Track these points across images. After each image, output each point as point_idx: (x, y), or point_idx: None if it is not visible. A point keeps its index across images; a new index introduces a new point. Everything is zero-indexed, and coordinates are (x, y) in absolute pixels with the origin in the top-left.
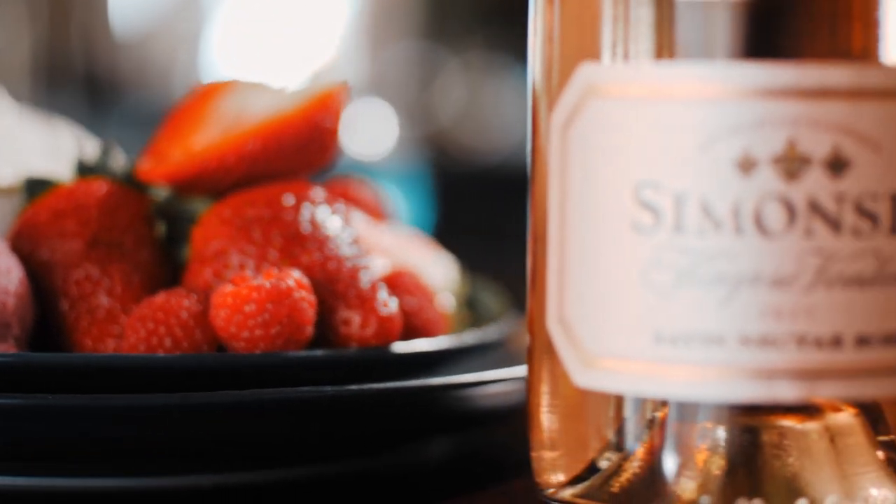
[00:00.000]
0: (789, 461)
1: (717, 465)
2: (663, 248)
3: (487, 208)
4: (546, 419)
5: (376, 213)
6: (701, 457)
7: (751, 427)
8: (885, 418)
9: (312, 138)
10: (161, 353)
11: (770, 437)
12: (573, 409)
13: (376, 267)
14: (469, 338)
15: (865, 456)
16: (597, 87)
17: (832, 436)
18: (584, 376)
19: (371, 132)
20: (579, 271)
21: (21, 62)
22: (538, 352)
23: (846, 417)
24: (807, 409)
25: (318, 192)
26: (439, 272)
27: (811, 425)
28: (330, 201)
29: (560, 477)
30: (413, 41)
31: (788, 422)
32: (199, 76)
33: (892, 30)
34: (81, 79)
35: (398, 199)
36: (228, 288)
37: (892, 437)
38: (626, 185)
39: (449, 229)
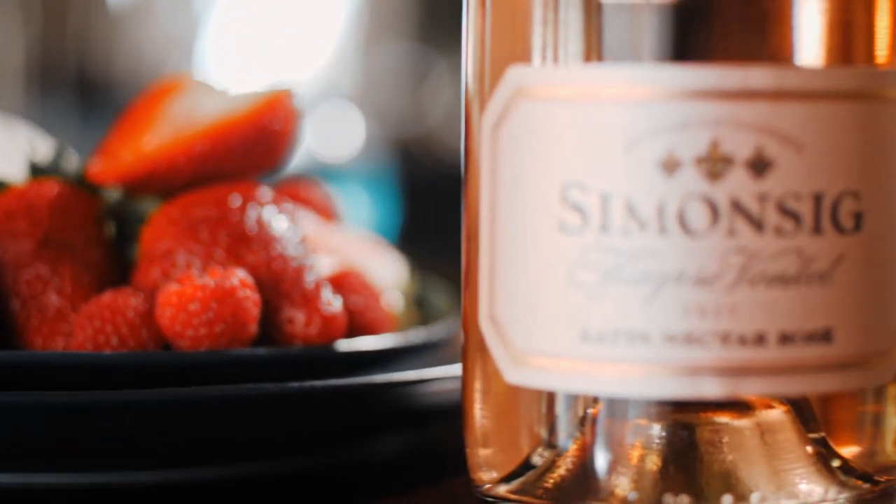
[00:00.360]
0: (720, 457)
1: (649, 462)
2: (589, 247)
3: None
4: (479, 416)
5: (326, 213)
6: (633, 453)
7: (682, 423)
8: (815, 415)
9: (261, 140)
10: (107, 352)
11: (701, 433)
12: (506, 406)
13: (322, 266)
14: (414, 336)
15: (795, 452)
16: (526, 89)
17: (763, 432)
18: (514, 374)
19: (350, 134)
20: (509, 270)
21: (15, 64)
22: (471, 350)
23: (777, 414)
24: (738, 406)
25: (265, 193)
26: (388, 271)
27: (742, 422)
28: (277, 202)
29: (494, 474)
30: (402, 43)
31: (720, 418)
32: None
33: (813, 32)
34: (75, 81)
35: (379, 200)
36: (174, 287)
37: (822, 433)
38: (553, 186)
39: (430, 231)
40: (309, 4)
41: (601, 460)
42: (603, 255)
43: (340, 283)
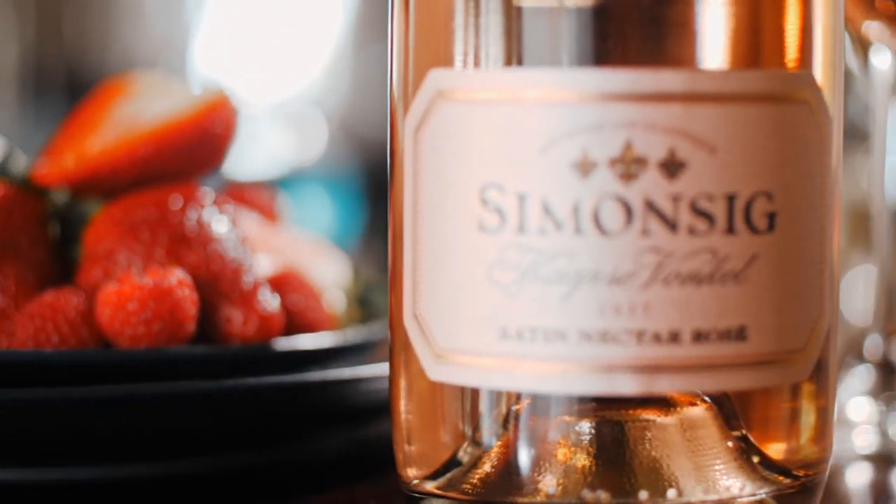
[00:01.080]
0: (643, 453)
1: (572, 458)
2: (508, 247)
3: None
4: (405, 414)
5: (270, 215)
6: (556, 450)
7: (604, 420)
8: (736, 412)
9: (202, 143)
10: (48, 350)
11: (624, 430)
12: (431, 403)
13: (262, 266)
14: (352, 335)
15: (717, 448)
16: (446, 92)
17: (685, 429)
18: (437, 371)
19: (312, 137)
20: (431, 269)
21: (7, 66)
22: (397, 348)
23: (699, 411)
24: (660, 403)
25: (205, 195)
26: (330, 272)
27: (665, 419)
28: (218, 203)
29: (421, 471)
30: (369, 47)
31: (643, 415)
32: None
33: (723, 37)
34: (68, 83)
35: (342, 203)
36: (113, 286)
37: (743, 430)
38: (472, 187)
39: None
40: (276, 9)
41: (525, 457)
42: (520, 255)
43: (280, 282)
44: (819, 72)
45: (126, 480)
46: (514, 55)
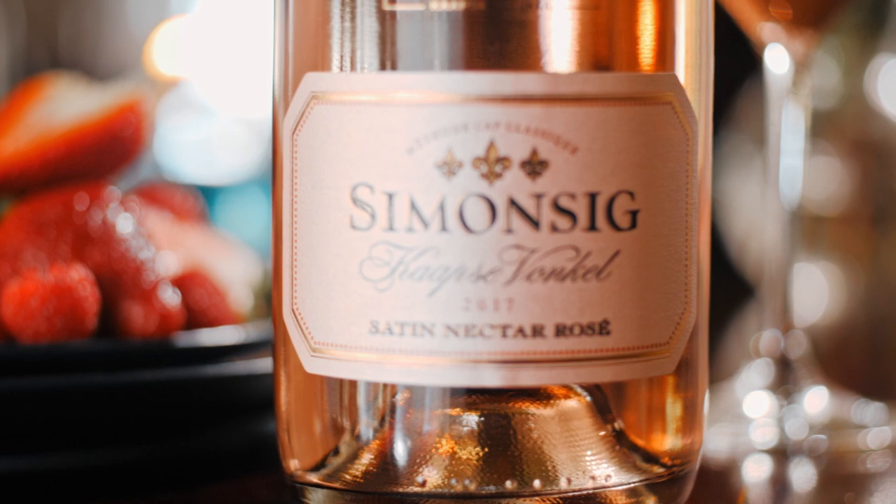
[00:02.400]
0: (518, 444)
1: (447, 450)
2: (377, 244)
3: None
4: (286, 407)
5: (183, 214)
6: (430, 441)
7: (477, 412)
8: (609, 404)
9: (112, 145)
10: None
11: (498, 421)
12: (310, 397)
13: (167, 264)
14: (253, 331)
15: (592, 439)
16: (320, 94)
17: (561, 420)
18: (312, 364)
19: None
20: (307, 266)
21: None
22: (278, 343)
23: (574, 403)
24: (534, 395)
25: (111, 195)
26: (238, 269)
27: (540, 410)
28: (124, 203)
29: (303, 462)
30: None
31: (520, 407)
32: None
33: (583, 40)
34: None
35: None
36: (17, 284)
37: (617, 421)
38: (345, 186)
39: None
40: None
41: (401, 449)
42: (389, 252)
43: (185, 280)
44: (683, 74)
45: (27, 472)
46: (383, 59)
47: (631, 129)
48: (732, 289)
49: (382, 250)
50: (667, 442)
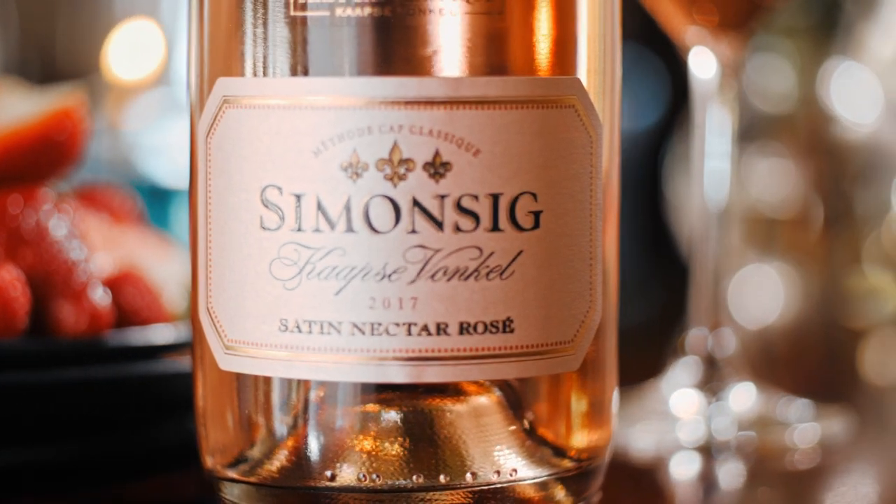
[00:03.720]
0: (428, 440)
1: (359, 445)
2: (286, 244)
3: None
4: (203, 404)
5: (120, 215)
6: (342, 437)
7: (391, 408)
8: (521, 400)
9: (48, 150)
10: None
11: (411, 417)
12: (225, 394)
13: (100, 264)
14: (184, 330)
15: (503, 434)
16: (231, 99)
17: (473, 415)
18: (226, 361)
19: None
20: (221, 265)
21: None
22: (195, 341)
23: (486, 399)
24: (445, 390)
25: (45, 196)
26: (172, 270)
27: (452, 406)
28: (58, 204)
29: (221, 458)
30: None
31: (431, 403)
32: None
33: (484, 45)
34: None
35: None
36: None
37: (528, 417)
38: (255, 188)
39: None
40: None
41: (313, 444)
42: (298, 252)
43: (118, 280)
44: (585, 77)
45: None
46: (293, 64)
47: (533, 132)
48: (684, 289)
49: (291, 250)
50: (575, 437)
